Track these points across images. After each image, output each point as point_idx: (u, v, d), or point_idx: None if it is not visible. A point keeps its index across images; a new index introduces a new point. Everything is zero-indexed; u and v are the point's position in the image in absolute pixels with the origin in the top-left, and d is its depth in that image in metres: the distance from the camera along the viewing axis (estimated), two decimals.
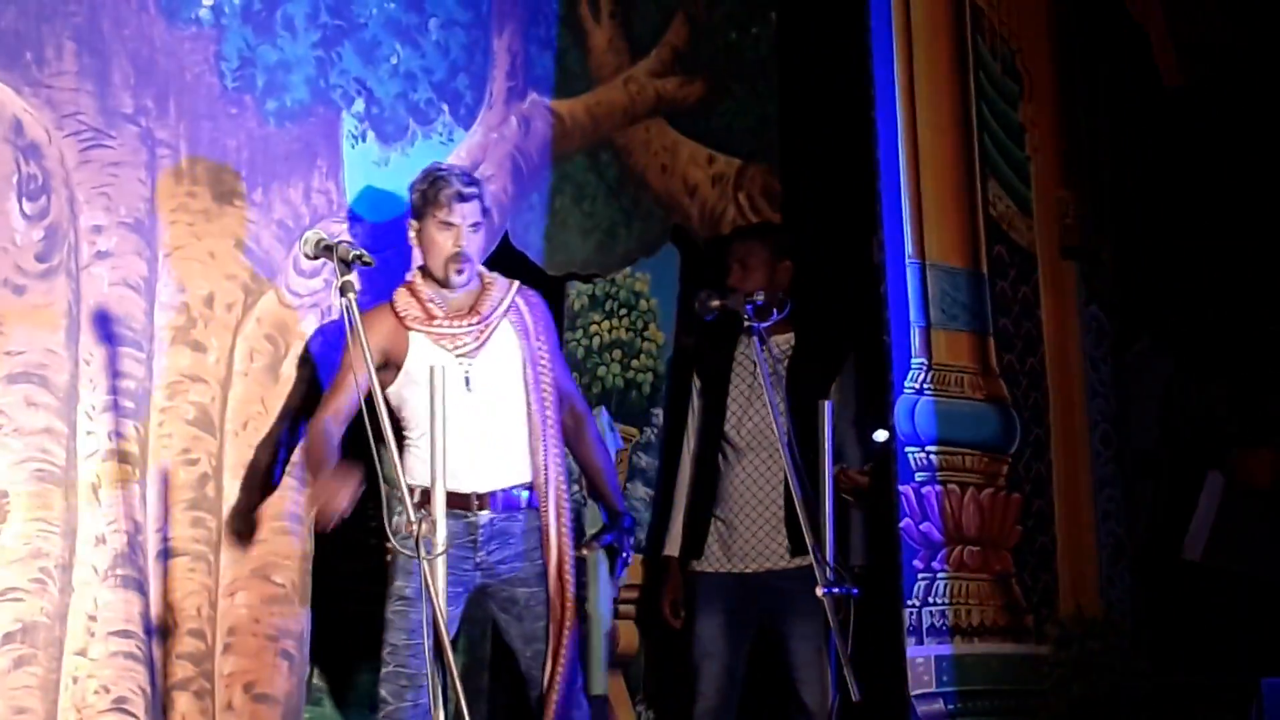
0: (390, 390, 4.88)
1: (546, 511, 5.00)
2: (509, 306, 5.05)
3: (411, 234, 5.03)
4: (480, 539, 4.93)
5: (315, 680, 5.61)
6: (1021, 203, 6.31)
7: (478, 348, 4.96)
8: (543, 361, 5.06)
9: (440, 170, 5.04)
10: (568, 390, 5.20)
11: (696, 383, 5.98)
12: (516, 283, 5.13)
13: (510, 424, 5.01)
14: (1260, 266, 6.58)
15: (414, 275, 5.05)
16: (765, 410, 5.67)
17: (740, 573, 5.79)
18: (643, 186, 6.06)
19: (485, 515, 4.93)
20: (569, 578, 5.01)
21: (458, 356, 4.92)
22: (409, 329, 4.93)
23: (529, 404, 5.02)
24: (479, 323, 4.97)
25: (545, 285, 5.83)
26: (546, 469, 5.01)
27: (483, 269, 5.09)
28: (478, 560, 4.93)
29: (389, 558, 4.97)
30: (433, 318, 4.95)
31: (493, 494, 4.95)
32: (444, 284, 4.95)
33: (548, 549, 5.00)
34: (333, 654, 5.61)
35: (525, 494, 5.00)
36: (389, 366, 4.91)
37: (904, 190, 5.90)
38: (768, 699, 6.07)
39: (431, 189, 4.95)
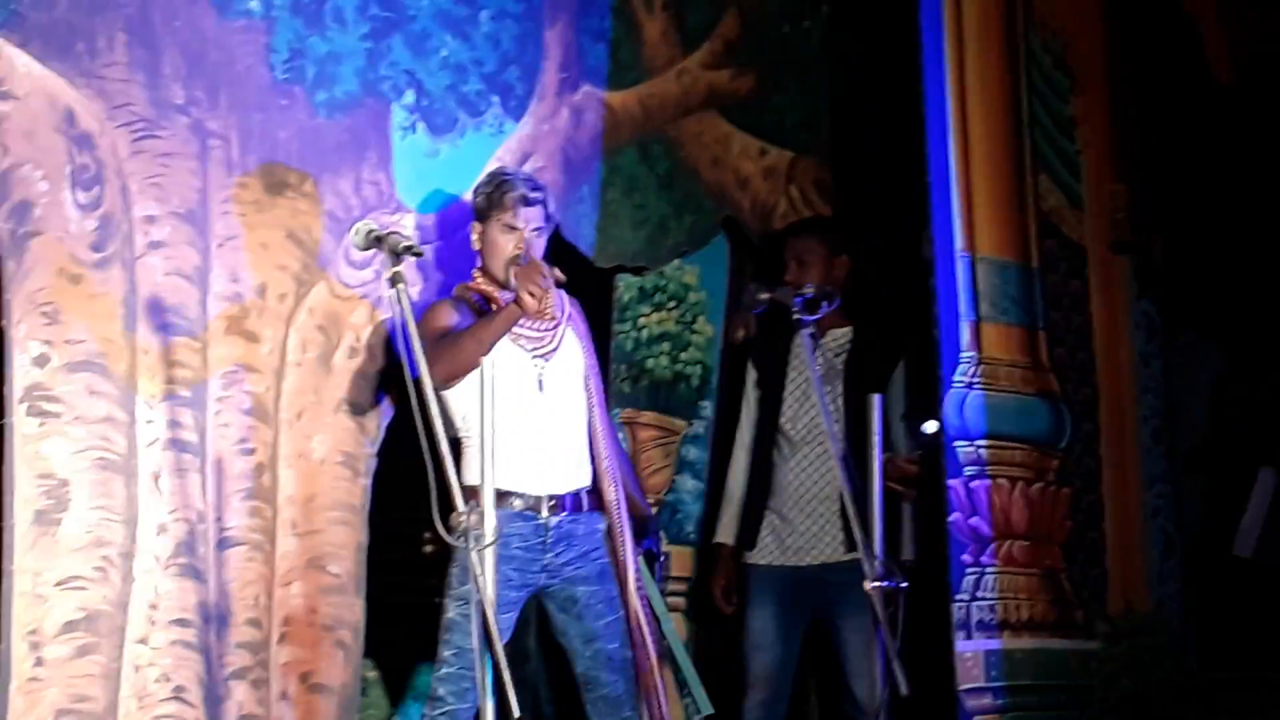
0: (458, 386, 4.84)
1: (611, 515, 5.03)
2: (568, 311, 5.09)
3: (474, 236, 5.04)
4: (550, 541, 4.94)
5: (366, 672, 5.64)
6: (1072, 197, 6.29)
7: (553, 350, 5.00)
8: (596, 366, 5.12)
9: (506, 174, 5.07)
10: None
11: (752, 374, 5.98)
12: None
13: (575, 426, 5.03)
14: None
15: (478, 274, 5.06)
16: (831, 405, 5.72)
17: (794, 566, 5.80)
18: (694, 179, 6.04)
19: (556, 518, 4.94)
20: (637, 581, 5.04)
21: (534, 358, 4.95)
22: None
23: (590, 407, 5.06)
24: (554, 325, 5.01)
25: (594, 277, 5.86)
26: (610, 472, 5.04)
27: None
28: (545, 562, 4.94)
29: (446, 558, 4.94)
30: None
31: (563, 496, 4.97)
32: (504, 286, 4.94)
33: (615, 552, 5.04)
34: (382, 645, 5.63)
35: (586, 497, 5.02)
36: None
37: (954, 184, 5.89)
38: (820, 692, 6.10)
39: (497, 192, 4.97)
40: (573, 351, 5.04)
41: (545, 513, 4.93)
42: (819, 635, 5.85)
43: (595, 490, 5.03)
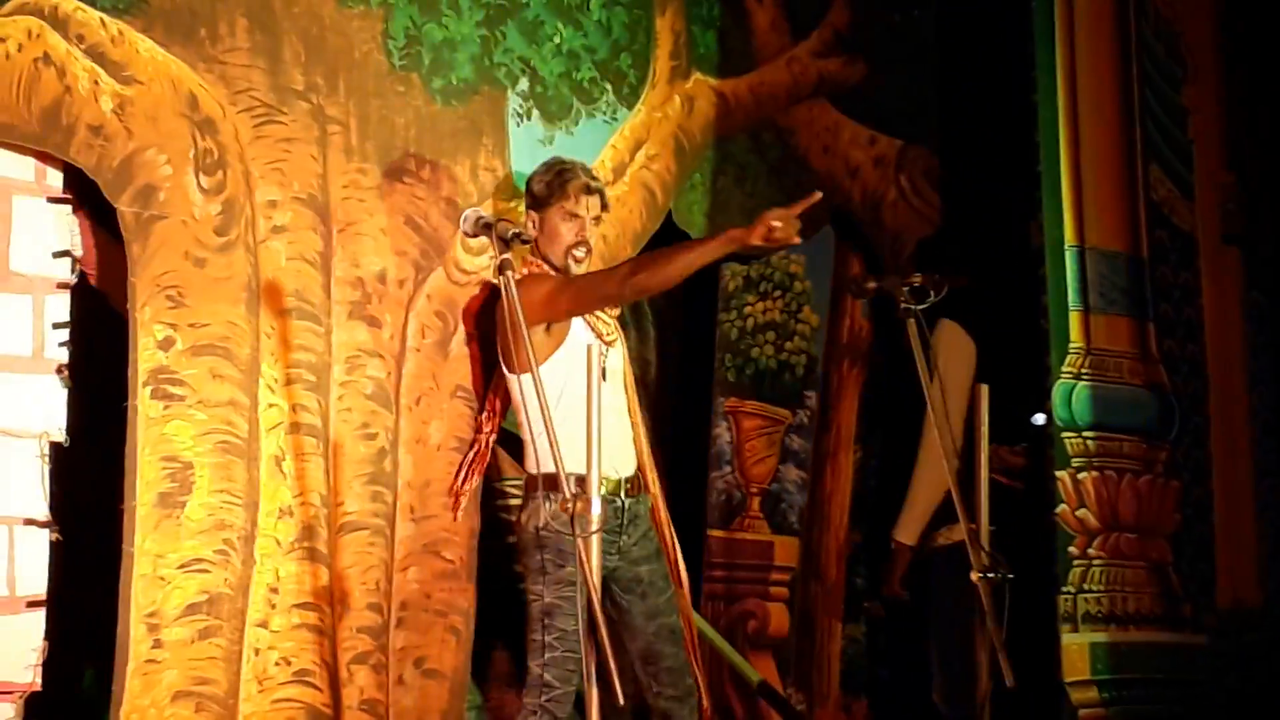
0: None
1: (655, 495, 5.14)
2: None
3: (529, 224, 5.05)
4: (624, 523, 4.99)
5: None
6: (1183, 187, 6.25)
7: (615, 339, 5.07)
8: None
9: (565, 163, 5.10)
10: None
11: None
12: None
13: (624, 412, 5.09)
14: None
15: (536, 262, 5.06)
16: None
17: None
18: (804, 167, 6.03)
19: (629, 500, 5.00)
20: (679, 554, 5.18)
21: (602, 344, 4.98)
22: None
23: (628, 392, 5.13)
24: (615, 315, 5.09)
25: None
26: (650, 454, 5.15)
27: None
28: (620, 545, 4.99)
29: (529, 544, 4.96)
30: None
31: (631, 477, 5.03)
32: (563, 270, 5.00)
33: (662, 531, 5.14)
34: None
35: (642, 478, 5.09)
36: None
37: (1064, 174, 5.86)
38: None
39: (558, 180, 5.02)
40: (622, 345, 5.14)
41: (624, 495, 4.98)
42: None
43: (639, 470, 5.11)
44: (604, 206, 5.09)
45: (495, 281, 4.16)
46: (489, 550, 5.37)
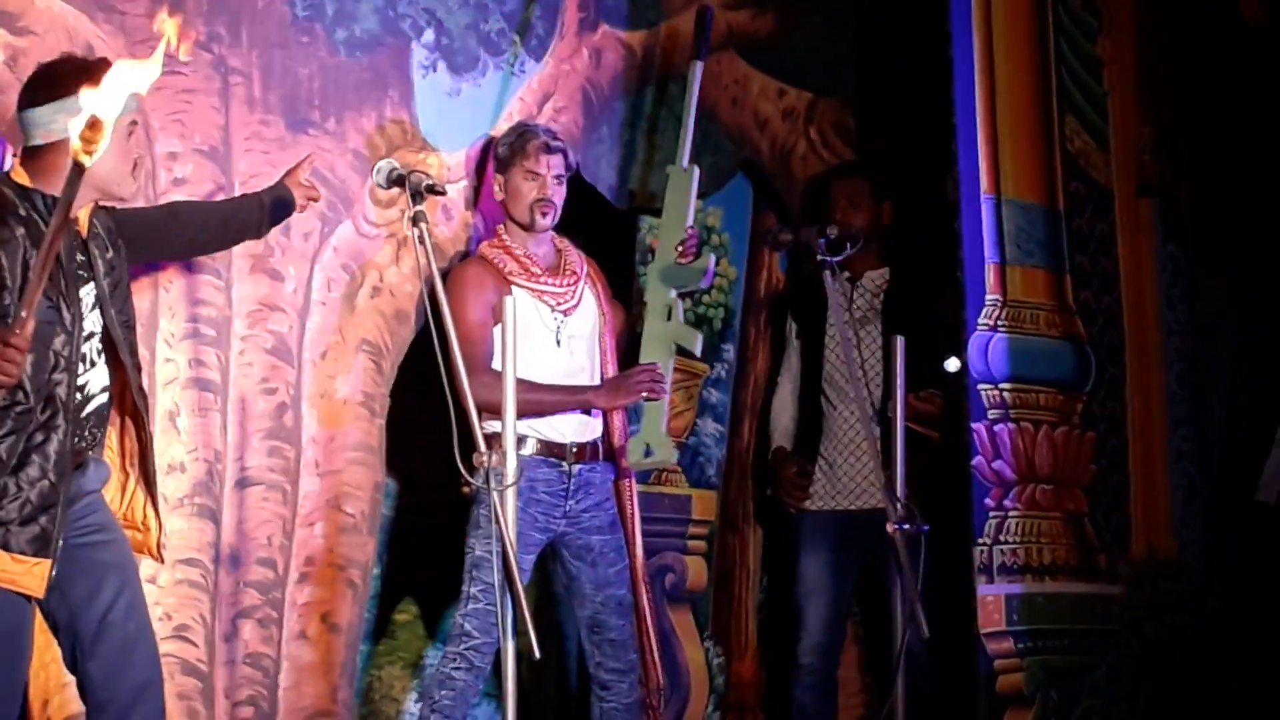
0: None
1: (621, 464, 5.31)
2: (586, 269, 5.27)
3: (496, 188, 5.21)
4: (571, 488, 5.11)
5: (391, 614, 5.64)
6: (1099, 139, 6.23)
7: (573, 305, 5.18)
8: (612, 323, 5.33)
9: (526, 125, 5.24)
10: None
11: (792, 325, 5.99)
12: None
13: (591, 380, 5.22)
14: None
15: (501, 230, 5.20)
16: (864, 346, 5.71)
17: (844, 510, 5.82)
18: (713, 120, 5.99)
19: (578, 466, 5.12)
20: (638, 528, 5.31)
21: (554, 313, 5.13)
22: (511, 283, 5.06)
23: (604, 362, 5.27)
24: (574, 282, 5.20)
25: (616, 219, 5.83)
26: (620, 424, 5.29)
27: (553, 233, 5.24)
28: (566, 509, 5.11)
29: (473, 499, 4.97)
30: (532, 274, 5.12)
31: (583, 445, 5.14)
32: (530, 227, 5.14)
33: (623, 499, 5.30)
34: (405, 587, 5.63)
35: (601, 446, 5.21)
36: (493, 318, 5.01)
37: (979, 125, 5.83)
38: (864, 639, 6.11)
39: (519, 141, 5.15)
40: (589, 308, 5.24)
41: (569, 459, 5.08)
42: (866, 581, 5.86)
43: (605, 440, 5.23)
44: (568, 167, 5.22)
45: (409, 233, 4.11)
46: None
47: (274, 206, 4.71)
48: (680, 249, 5.34)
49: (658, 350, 5.35)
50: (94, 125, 3.29)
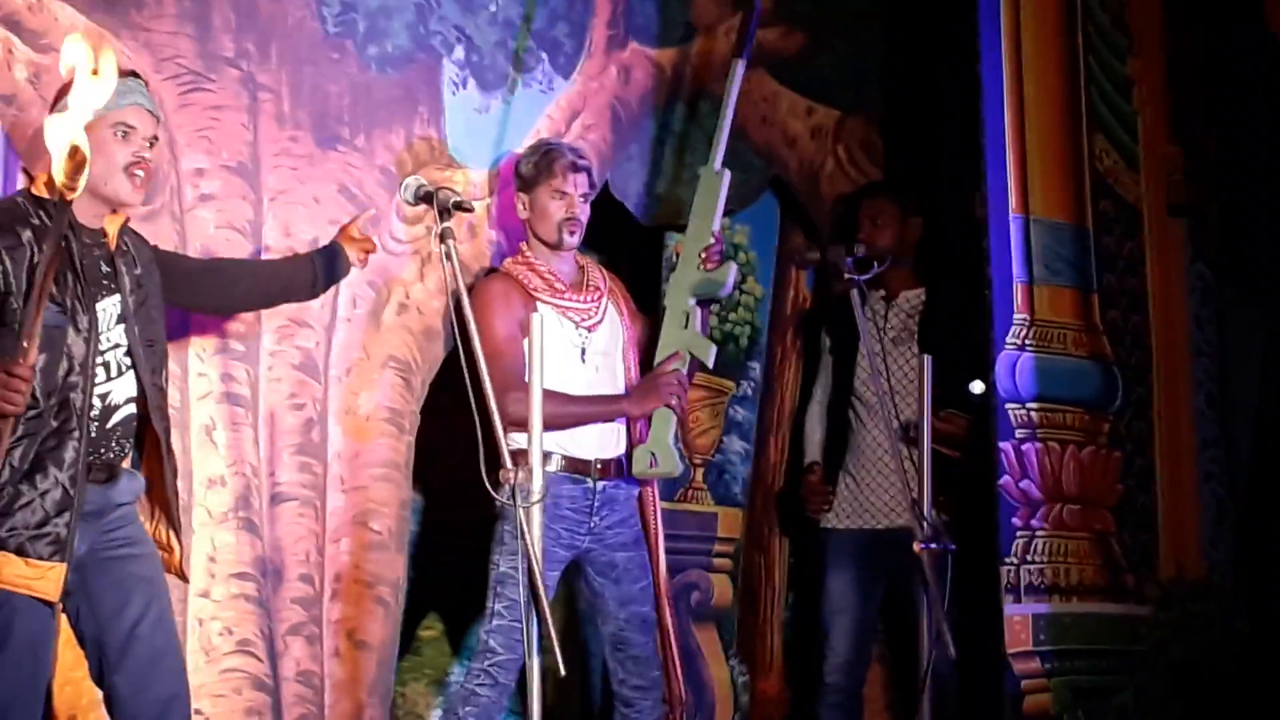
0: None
1: (645, 481, 5.28)
2: (608, 284, 5.28)
3: (520, 206, 5.20)
4: (595, 505, 5.11)
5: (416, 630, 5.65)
6: (1129, 158, 6.22)
7: (597, 322, 5.18)
8: (635, 339, 5.31)
9: (550, 143, 5.23)
10: None
11: (826, 340, 5.99)
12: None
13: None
14: None
15: (525, 247, 5.20)
16: (899, 365, 5.71)
17: (870, 529, 5.80)
18: (742, 137, 5.98)
19: (602, 482, 5.11)
20: (661, 545, 5.31)
21: (578, 329, 5.13)
22: (535, 299, 5.06)
23: (629, 376, 5.26)
24: (598, 297, 5.20)
25: (643, 236, 5.83)
26: (642, 439, 5.23)
27: (576, 251, 5.25)
28: (591, 525, 5.11)
29: (498, 516, 4.96)
30: (556, 290, 5.13)
31: (608, 461, 5.14)
32: (558, 246, 5.14)
33: (646, 515, 5.28)
34: (432, 603, 5.63)
35: (624, 464, 5.21)
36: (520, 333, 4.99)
37: (1008, 144, 5.83)
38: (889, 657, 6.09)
39: (544, 160, 5.14)
40: (613, 324, 5.23)
41: (594, 476, 5.08)
42: (892, 601, 5.84)
43: (629, 457, 5.23)
44: (592, 184, 5.22)
45: (435, 250, 4.11)
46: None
47: (327, 266, 4.73)
48: (704, 254, 5.33)
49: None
50: (73, 153, 3.37)
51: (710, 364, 5.34)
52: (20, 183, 4.46)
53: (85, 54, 3.54)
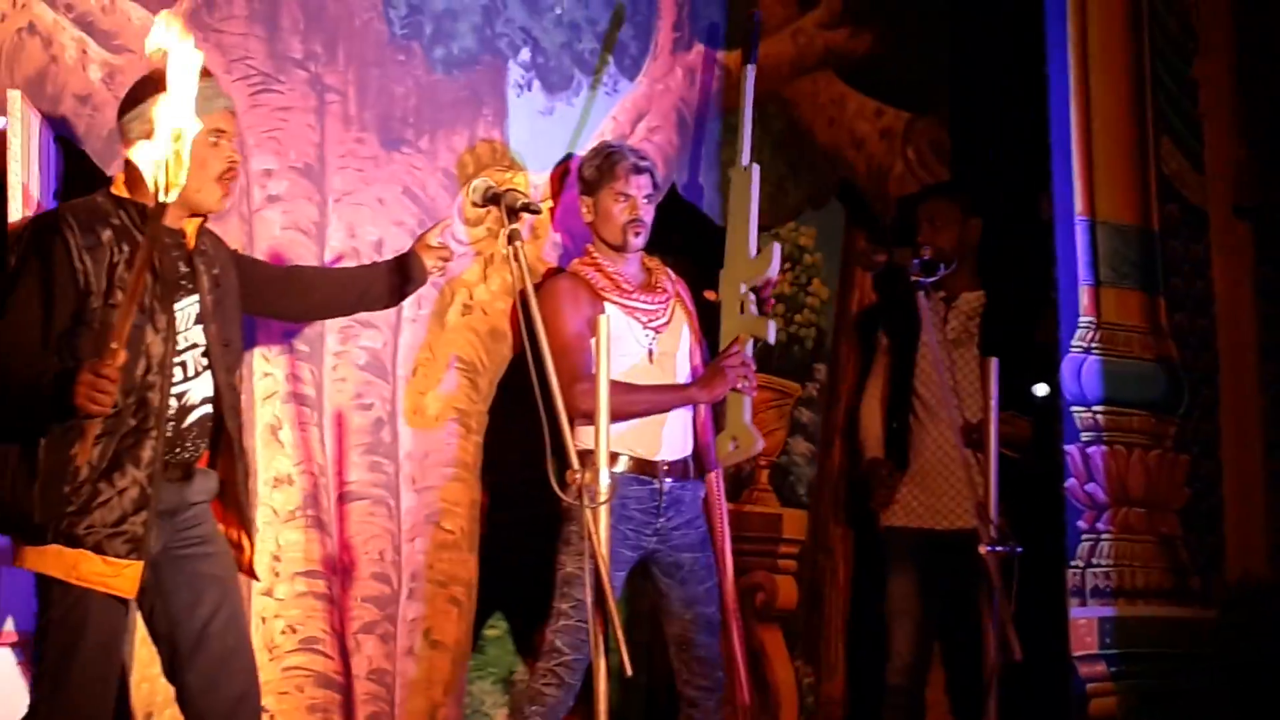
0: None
1: (711, 483, 5.30)
2: (675, 287, 5.30)
3: (584, 210, 5.21)
4: (663, 505, 5.12)
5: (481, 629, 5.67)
6: (1194, 160, 6.19)
7: (664, 324, 5.20)
8: (702, 340, 5.33)
9: (612, 146, 5.24)
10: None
11: (882, 337, 5.98)
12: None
13: None
14: None
15: (591, 249, 5.22)
16: (959, 367, 5.70)
17: (931, 529, 5.78)
18: (809, 139, 6.00)
19: (669, 483, 5.12)
20: (729, 547, 5.31)
21: (645, 329, 5.15)
22: (603, 298, 5.08)
23: (694, 378, 5.26)
24: (666, 299, 5.22)
25: (710, 236, 5.83)
26: (710, 442, 5.28)
27: (643, 253, 5.26)
28: (657, 526, 5.12)
29: (564, 516, 4.98)
30: (624, 290, 5.14)
31: (675, 462, 5.15)
32: (623, 248, 5.16)
33: (713, 518, 5.29)
34: (496, 602, 5.65)
35: (691, 465, 5.22)
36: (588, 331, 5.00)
37: (1074, 146, 5.81)
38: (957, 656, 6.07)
39: (606, 163, 5.15)
40: (679, 325, 5.25)
41: (660, 477, 5.08)
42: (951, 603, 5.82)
43: (696, 459, 5.23)
44: (655, 185, 5.22)
45: (503, 251, 4.12)
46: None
47: (402, 275, 4.75)
48: (758, 295, 5.32)
49: None
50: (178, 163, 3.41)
51: (772, 339, 5.33)
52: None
53: (175, 35, 3.58)
